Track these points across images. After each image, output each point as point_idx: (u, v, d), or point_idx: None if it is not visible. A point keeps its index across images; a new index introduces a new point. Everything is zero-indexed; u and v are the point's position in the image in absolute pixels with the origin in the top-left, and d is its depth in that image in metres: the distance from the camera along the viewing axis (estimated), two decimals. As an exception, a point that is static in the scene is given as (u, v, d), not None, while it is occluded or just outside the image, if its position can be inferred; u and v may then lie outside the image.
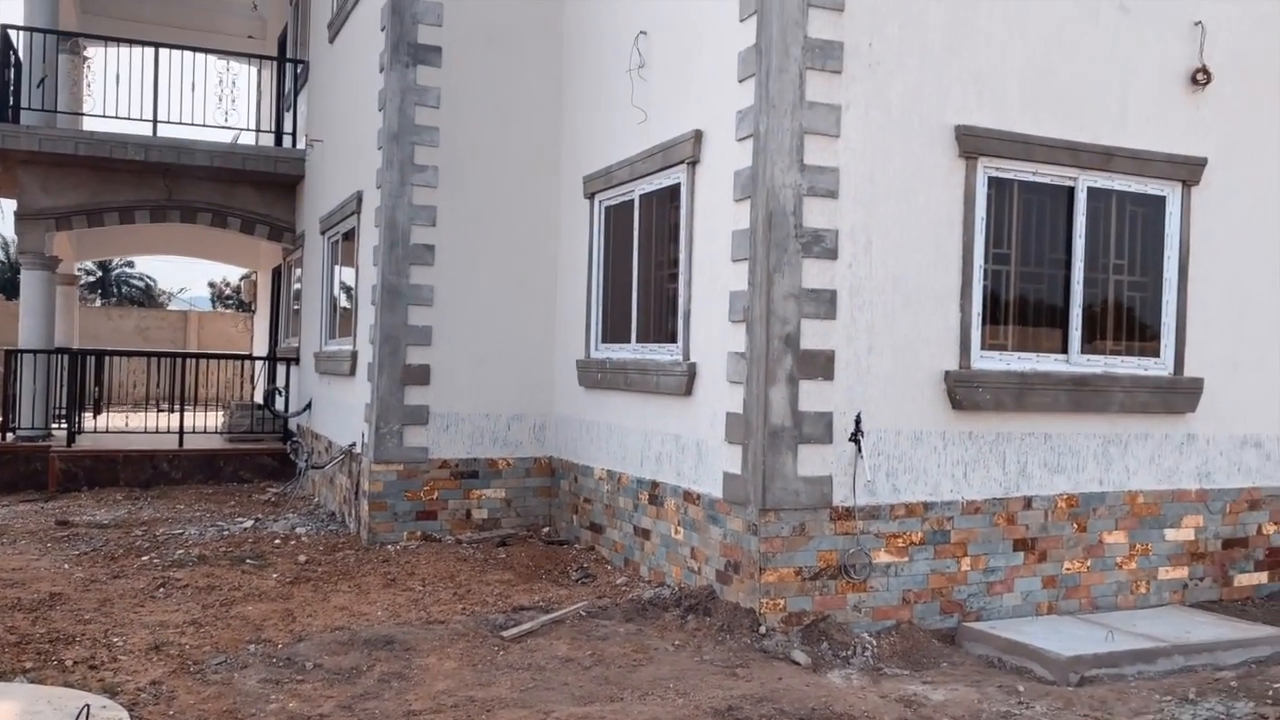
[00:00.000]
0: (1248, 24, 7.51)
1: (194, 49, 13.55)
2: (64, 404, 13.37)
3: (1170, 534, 7.36)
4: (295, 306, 14.50)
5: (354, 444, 9.61)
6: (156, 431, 13.61)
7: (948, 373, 6.66)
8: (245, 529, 9.66)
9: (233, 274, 36.95)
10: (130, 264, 44.51)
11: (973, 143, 6.68)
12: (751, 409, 6.34)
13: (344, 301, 11.18)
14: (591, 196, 8.82)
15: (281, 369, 14.35)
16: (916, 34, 6.55)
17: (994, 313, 6.92)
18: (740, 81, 6.57)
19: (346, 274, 11.00)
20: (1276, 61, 7.67)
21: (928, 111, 6.60)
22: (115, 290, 45.14)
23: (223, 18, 17.18)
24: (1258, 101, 7.62)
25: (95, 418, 15.12)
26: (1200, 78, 7.31)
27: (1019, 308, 7.05)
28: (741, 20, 6.55)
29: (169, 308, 42.17)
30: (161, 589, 7.30)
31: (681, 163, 7.31)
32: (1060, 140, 6.92)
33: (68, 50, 13.80)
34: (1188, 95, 7.36)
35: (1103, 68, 7.09)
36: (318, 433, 11.84)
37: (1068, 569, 7.01)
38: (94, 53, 14.88)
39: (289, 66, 14.92)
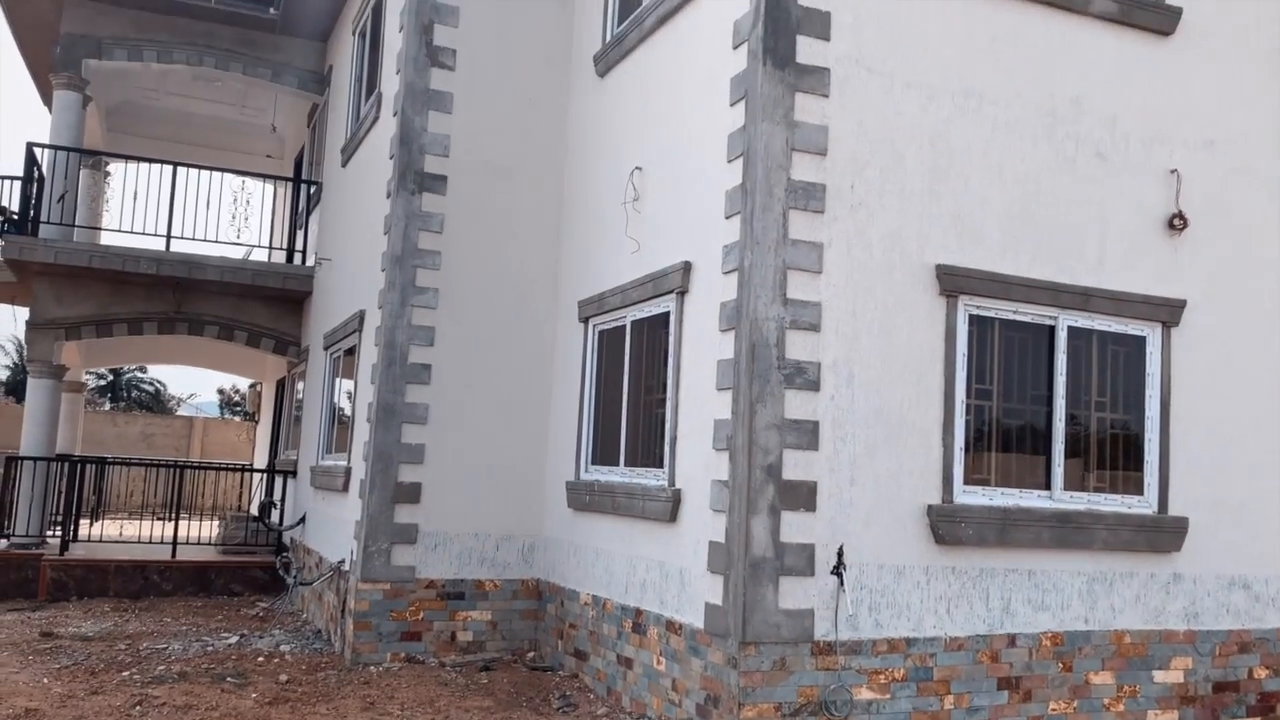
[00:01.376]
0: (1221, 173, 7.77)
1: (211, 168, 14.00)
2: (61, 511, 13.41)
3: (1159, 675, 7.26)
4: (296, 416, 14.63)
5: (343, 561, 9.60)
6: (150, 541, 13.59)
7: (930, 507, 6.69)
8: (230, 645, 9.58)
9: (242, 381, 37.32)
10: (142, 369, 44.98)
11: (953, 282, 6.86)
12: (734, 538, 6.37)
13: (342, 417, 11.31)
14: (586, 320, 9.01)
15: (279, 481, 14.40)
16: (897, 177, 6.80)
17: (977, 447, 6.99)
18: (727, 218, 6.79)
19: (346, 390, 11.15)
20: (1251, 209, 7.89)
21: (909, 250, 6.80)
22: (125, 395, 45.51)
23: (244, 138, 17.79)
24: (1235, 246, 7.82)
25: (91, 525, 15.11)
26: (1177, 223, 7.53)
27: (1002, 443, 7.13)
28: (729, 161, 6.81)
29: (177, 413, 42.41)
30: (138, 707, 7.22)
31: (671, 292, 7.50)
32: (1040, 280, 7.11)
33: (90, 166, 14.31)
34: (1165, 239, 7.56)
35: (1080, 211, 7.32)
36: (310, 547, 11.82)
37: (1054, 709, 6.90)
38: (115, 168, 15.42)
39: (303, 187, 15.39)
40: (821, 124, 6.62)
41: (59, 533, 13.18)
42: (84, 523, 14.52)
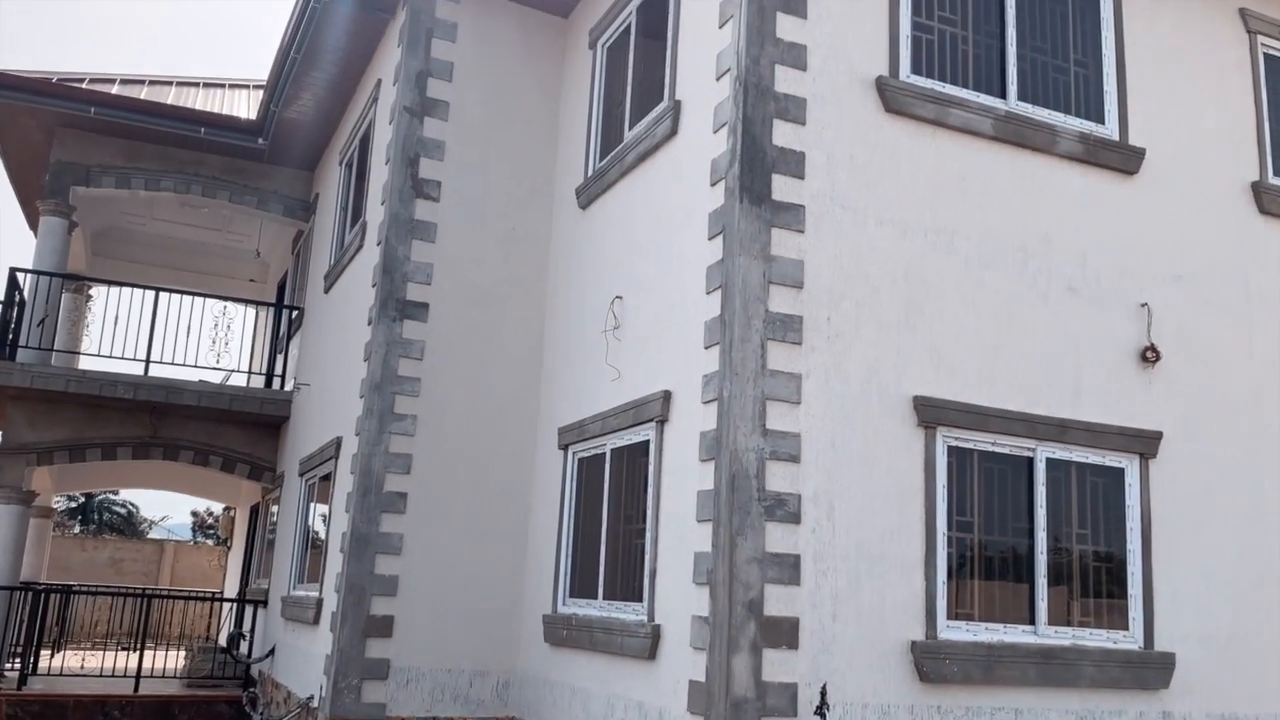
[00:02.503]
0: (1193, 307, 7.91)
1: (193, 293, 14.06)
2: (21, 642, 12.97)
3: (1154, 820, 7.03)
4: (269, 541, 14.36)
5: (312, 696, 9.28)
6: (113, 674, 13.14)
7: (914, 643, 6.56)
8: (189, 787, 9.17)
9: (216, 504, 36.74)
10: (114, 491, 44.22)
11: (931, 413, 6.88)
12: (714, 677, 6.19)
13: (316, 542, 11.10)
14: (565, 448, 8.95)
15: (249, 611, 14.03)
16: (873, 310, 6.89)
17: (959, 581, 6.90)
18: (706, 348, 6.83)
19: (320, 519, 10.97)
20: (1221, 341, 8.01)
21: (886, 382, 6.84)
22: (97, 517, 44.60)
23: (228, 262, 17.96)
24: (1208, 378, 7.89)
25: (53, 656, 14.62)
26: (1150, 355, 7.61)
27: (984, 576, 7.04)
28: (708, 293, 6.89)
29: (148, 536, 41.60)
30: None
31: (651, 420, 7.48)
32: (1016, 412, 7.14)
33: (72, 290, 14.35)
34: (1139, 372, 7.64)
35: (1055, 344, 7.40)
36: (279, 681, 11.44)
37: None
38: (97, 291, 15.47)
39: (285, 311, 15.45)
40: (798, 258, 6.73)
41: (18, 665, 12.73)
42: (45, 653, 14.04)
